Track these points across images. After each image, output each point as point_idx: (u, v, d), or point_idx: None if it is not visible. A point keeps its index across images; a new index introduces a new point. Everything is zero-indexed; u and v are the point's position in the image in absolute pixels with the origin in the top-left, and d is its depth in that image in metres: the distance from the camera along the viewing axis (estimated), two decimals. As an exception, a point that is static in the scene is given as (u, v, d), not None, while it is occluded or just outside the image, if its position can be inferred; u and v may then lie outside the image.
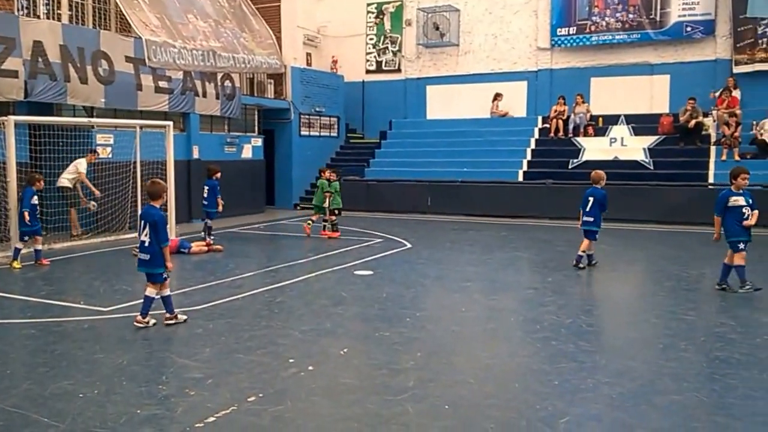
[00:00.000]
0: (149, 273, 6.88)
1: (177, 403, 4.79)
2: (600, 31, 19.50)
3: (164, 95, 15.59)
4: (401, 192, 18.52)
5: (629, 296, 8.98)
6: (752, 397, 4.86)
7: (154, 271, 6.85)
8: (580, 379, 5.26)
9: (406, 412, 4.59)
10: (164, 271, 6.87)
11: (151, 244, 6.78)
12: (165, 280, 6.94)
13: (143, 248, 6.86)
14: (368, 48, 22.97)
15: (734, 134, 16.44)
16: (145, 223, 6.83)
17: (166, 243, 6.83)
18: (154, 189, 7.04)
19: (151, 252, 6.80)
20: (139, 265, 6.95)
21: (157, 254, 6.79)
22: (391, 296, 8.28)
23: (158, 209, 6.93)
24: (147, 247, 6.82)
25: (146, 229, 6.79)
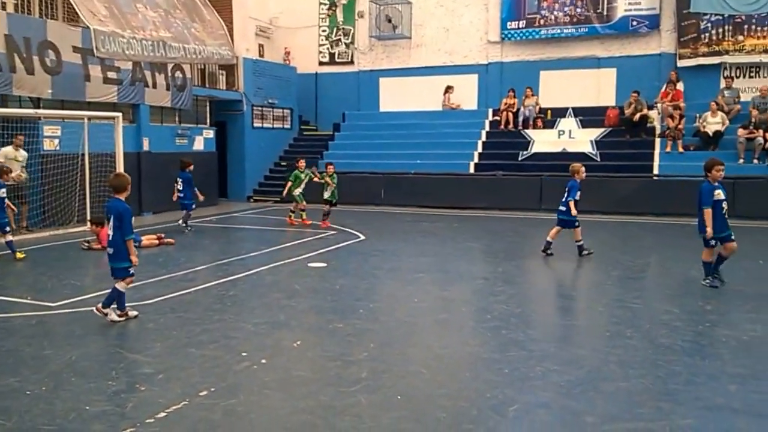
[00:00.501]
0: (114, 267, 6.73)
1: (127, 398, 4.72)
2: (549, 25, 19.88)
3: (113, 86, 15.16)
4: (355, 184, 18.49)
5: (577, 285, 9.24)
6: (694, 382, 5.06)
7: (118, 265, 6.70)
8: (529, 367, 5.40)
9: (359, 404, 4.63)
10: (129, 265, 6.71)
11: (115, 238, 6.63)
12: (131, 275, 6.79)
13: (108, 242, 6.73)
14: (321, 40, 22.83)
15: (678, 126, 17.02)
16: (109, 217, 6.67)
17: (130, 236, 6.67)
18: (118, 182, 6.86)
19: (115, 246, 6.65)
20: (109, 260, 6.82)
21: (121, 248, 6.64)
22: (344, 288, 8.30)
23: (123, 202, 6.75)
24: (111, 240, 6.67)
25: (111, 222, 6.64)
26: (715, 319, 6.96)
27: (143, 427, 4.25)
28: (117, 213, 6.62)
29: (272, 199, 19.56)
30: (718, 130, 16.64)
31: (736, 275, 8.85)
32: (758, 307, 7.34)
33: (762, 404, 4.67)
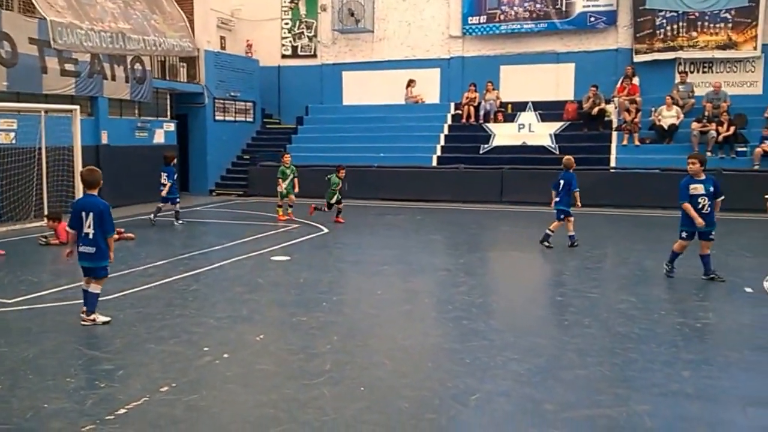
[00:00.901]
0: (93, 267, 6.38)
1: (86, 395, 4.64)
2: (509, 21, 20.11)
3: (71, 78, 14.81)
4: (318, 177, 18.39)
5: (537, 276, 9.41)
6: (650, 369, 5.21)
7: (98, 264, 6.37)
8: (490, 356, 5.49)
9: (322, 396, 4.65)
10: (108, 264, 6.45)
11: (96, 236, 6.30)
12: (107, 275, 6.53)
13: (87, 241, 6.33)
14: (284, 33, 22.62)
15: (634, 120, 17.44)
16: (87, 214, 6.33)
17: (112, 233, 6.40)
18: (92, 177, 6.47)
19: (96, 245, 6.30)
20: (82, 259, 6.40)
21: (103, 246, 6.33)
22: (308, 281, 8.29)
23: (100, 198, 6.45)
24: (91, 239, 6.31)
25: (89, 220, 6.32)
26: (670, 307, 7.19)
27: (103, 424, 4.19)
28: (97, 210, 6.29)
29: (235, 192, 19.38)
30: (673, 124, 17.11)
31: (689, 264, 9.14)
32: (710, 295, 7.61)
33: (714, 389, 4.84)
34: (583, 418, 4.35)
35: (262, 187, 18.78)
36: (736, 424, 4.33)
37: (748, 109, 17.09)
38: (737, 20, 18.05)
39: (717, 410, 4.50)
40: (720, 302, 7.34)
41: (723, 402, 4.63)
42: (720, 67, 18.60)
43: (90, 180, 6.48)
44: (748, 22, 17.95)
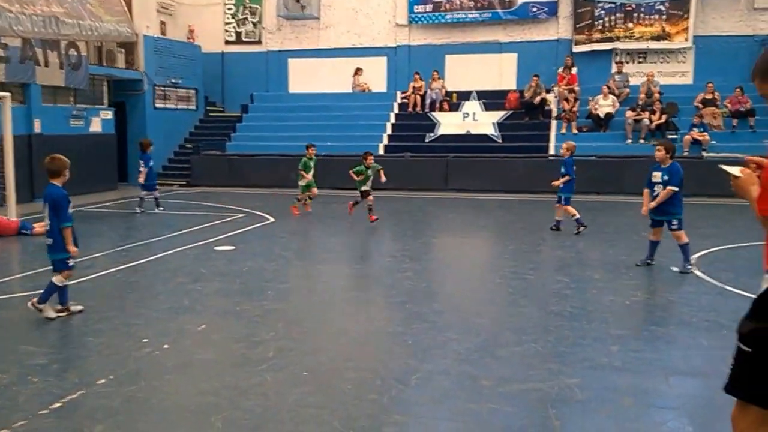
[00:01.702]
0: (52, 260, 6.22)
1: (18, 391, 4.50)
2: (454, 10, 20.29)
3: (0, 64, 14.09)
4: (264, 167, 18.26)
5: (478, 259, 9.64)
6: (581, 344, 5.46)
7: (57, 256, 6.18)
8: (431, 337, 5.63)
9: (265, 382, 4.66)
10: (68, 256, 6.20)
11: (53, 227, 6.12)
12: (70, 267, 6.29)
13: (47, 233, 6.19)
14: (227, 18, 22.17)
15: (573, 109, 17.97)
16: (45, 204, 6.15)
17: (66, 224, 6.16)
18: (53, 166, 6.26)
19: (53, 236, 6.13)
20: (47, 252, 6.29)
21: (58, 238, 6.13)
22: (252, 270, 8.24)
23: (59, 188, 6.22)
24: (49, 230, 6.15)
25: (46, 209, 6.14)
26: (602, 286, 7.51)
27: (36, 418, 4.09)
28: (49, 199, 6.11)
29: (177, 182, 18.96)
30: (609, 113, 17.70)
31: (621, 246, 9.56)
32: (639, 274, 7.98)
33: (639, 362, 5.10)
34: (518, 392, 4.52)
35: (205, 177, 18.48)
36: (660, 393, 4.59)
37: (679, 98, 17.82)
38: (671, 12, 18.78)
39: (642, 381, 4.75)
40: (649, 281, 7.71)
41: (648, 373, 4.89)
42: (654, 57, 19.32)
43: (51, 169, 6.30)
44: (681, 14, 18.71)
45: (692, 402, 4.51)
